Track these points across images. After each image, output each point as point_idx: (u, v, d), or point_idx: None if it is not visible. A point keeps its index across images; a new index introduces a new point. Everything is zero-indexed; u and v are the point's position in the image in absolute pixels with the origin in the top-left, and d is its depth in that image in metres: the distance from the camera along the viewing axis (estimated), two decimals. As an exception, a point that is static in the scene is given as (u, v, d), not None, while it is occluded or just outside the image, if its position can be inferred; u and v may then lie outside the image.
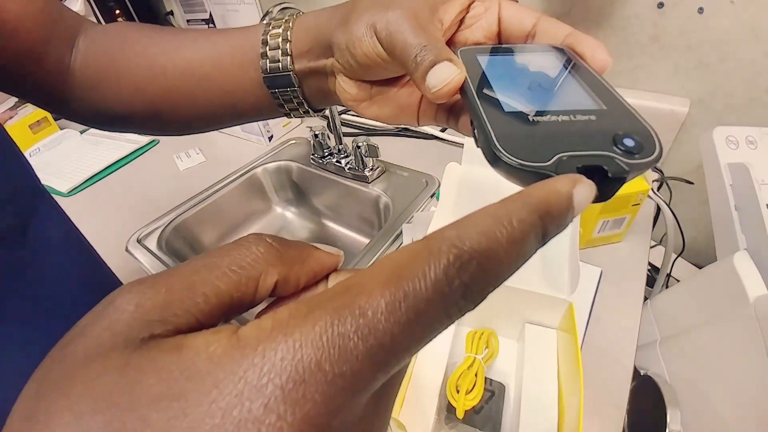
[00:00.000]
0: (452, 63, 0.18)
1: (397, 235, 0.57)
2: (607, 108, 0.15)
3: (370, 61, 0.22)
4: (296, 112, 0.28)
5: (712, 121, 0.61)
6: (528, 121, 0.15)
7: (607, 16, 0.62)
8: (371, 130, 0.84)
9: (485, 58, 0.20)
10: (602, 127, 0.14)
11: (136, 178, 0.83)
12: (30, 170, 0.24)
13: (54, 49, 0.29)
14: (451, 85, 0.18)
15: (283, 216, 0.82)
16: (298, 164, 0.78)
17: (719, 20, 0.54)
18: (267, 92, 0.27)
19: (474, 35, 0.23)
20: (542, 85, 0.17)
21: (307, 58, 0.25)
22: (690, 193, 0.66)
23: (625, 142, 0.14)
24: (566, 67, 0.19)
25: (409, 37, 0.20)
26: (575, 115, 0.15)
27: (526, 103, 0.16)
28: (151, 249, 0.62)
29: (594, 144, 0.14)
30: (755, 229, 0.36)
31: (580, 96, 0.16)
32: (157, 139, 0.94)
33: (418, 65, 0.19)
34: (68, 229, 0.26)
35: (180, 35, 0.29)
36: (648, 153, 0.13)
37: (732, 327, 0.34)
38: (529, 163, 0.13)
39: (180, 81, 0.28)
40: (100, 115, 0.31)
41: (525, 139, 0.14)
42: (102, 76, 0.29)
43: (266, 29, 0.26)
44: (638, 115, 0.15)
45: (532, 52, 0.20)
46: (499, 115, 0.15)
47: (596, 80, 0.17)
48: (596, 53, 0.19)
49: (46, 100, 0.31)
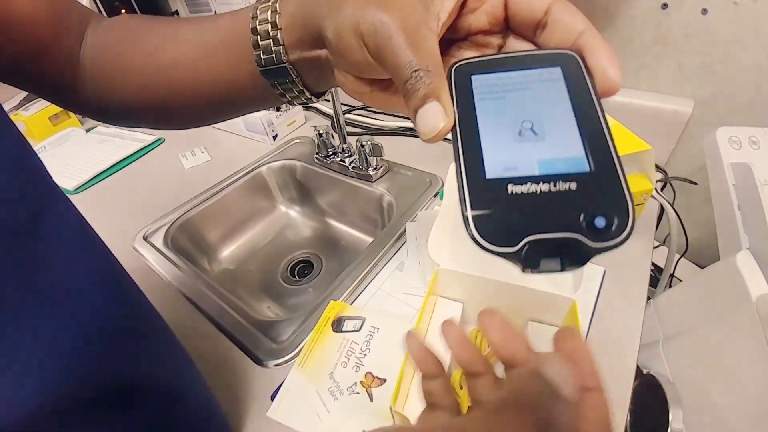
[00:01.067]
0: (441, 105, 0.17)
1: (400, 234, 0.57)
2: (594, 168, 0.15)
3: (364, 67, 0.21)
4: (298, 99, 0.27)
5: (715, 121, 0.61)
6: (505, 193, 0.15)
7: (611, 17, 0.62)
8: (375, 129, 0.85)
9: (480, 81, 0.18)
10: (578, 202, 0.14)
11: (141, 176, 0.84)
12: (41, 166, 0.24)
13: (63, 42, 0.28)
14: (439, 135, 0.17)
15: (287, 214, 0.83)
16: (303, 163, 0.78)
17: (723, 21, 0.54)
18: (265, 83, 0.26)
19: (478, 21, 0.21)
20: (534, 128, 0.16)
21: (300, 49, 0.24)
22: (694, 194, 0.66)
23: (596, 222, 0.14)
24: (568, 94, 0.17)
25: (398, 53, 0.18)
26: (555, 183, 0.15)
27: (509, 163, 0.16)
28: (158, 246, 0.63)
29: (564, 224, 0.14)
30: (758, 228, 0.36)
31: (570, 148, 0.16)
32: (162, 138, 0.94)
33: (409, 94, 0.18)
34: (81, 225, 0.26)
35: (177, 28, 0.29)
36: (616, 234, 0.14)
37: (734, 326, 0.35)
38: (497, 249, 0.14)
39: (177, 76, 0.28)
40: (109, 110, 0.31)
41: (498, 220, 0.15)
42: (108, 72, 0.29)
43: (254, 14, 0.24)
44: (622, 180, 0.15)
45: (534, 68, 0.18)
46: (479, 182, 0.16)
47: (595, 120, 0.16)
48: (607, 72, 0.17)
49: (56, 94, 0.31)
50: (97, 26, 0.30)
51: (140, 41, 0.29)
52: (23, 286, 0.20)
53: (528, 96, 0.17)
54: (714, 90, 0.59)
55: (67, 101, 0.32)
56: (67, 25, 0.29)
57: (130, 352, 0.27)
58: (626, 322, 0.44)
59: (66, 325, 0.22)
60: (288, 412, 0.39)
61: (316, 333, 0.45)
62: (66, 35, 0.29)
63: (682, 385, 0.44)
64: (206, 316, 0.51)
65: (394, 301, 0.50)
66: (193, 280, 0.56)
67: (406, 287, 0.51)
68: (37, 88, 0.30)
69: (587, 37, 0.18)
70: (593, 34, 0.18)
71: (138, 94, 0.29)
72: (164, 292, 0.56)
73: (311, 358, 0.43)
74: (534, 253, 0.14)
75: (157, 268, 0.59)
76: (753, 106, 0.57)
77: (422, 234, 0.51)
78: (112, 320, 0.25)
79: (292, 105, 0.28)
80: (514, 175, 0.15)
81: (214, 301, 0.52)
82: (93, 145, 0.95)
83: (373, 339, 0.44)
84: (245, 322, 0.49)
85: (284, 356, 0.45)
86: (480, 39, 0.22)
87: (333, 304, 0.48)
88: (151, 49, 0.29)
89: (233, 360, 0.46)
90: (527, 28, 0.20)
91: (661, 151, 0.66)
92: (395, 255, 0.56)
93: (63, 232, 0.24)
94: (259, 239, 0.78)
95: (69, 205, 0.26)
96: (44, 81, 0.30)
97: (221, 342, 0.48)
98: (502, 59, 0.19)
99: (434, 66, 0.18)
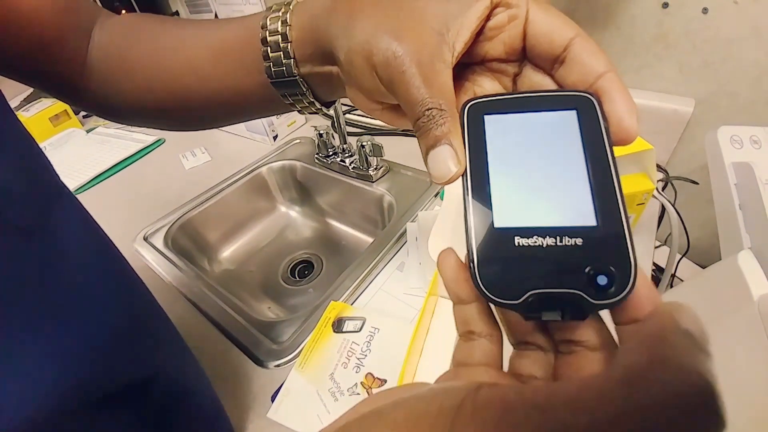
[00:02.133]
0: (453, 148, 0.17)
1: (400, 234, 0.57)
2: (601, 224, 0.15)
3: (375, 94, 0.20)
4: (308, 109, 0.27)
5: (716, 121, 0.60)
6: (512, 244, 0.15)
7: (612, 16, 0.62)
8: (376, 129, 0.85)
9: (492, 123, 0.18)
10: (583, 258, 0.15)
11: (142, 176, 0.84)
12: (49, 165, 0.24)
13: (70, 40, 0.28)
14: (450, 180, 0.17)
15: (287, 215, 0.83)
16: (303, 163, 0.78)
17: (724, 20, 0.54)
18: (274, 92, 0.26)
19: (494, 49, 0.20)
20: (544, 177, 0.16)
21: (311, 63, 0.24)
22: (695, 194, 0.66)
23: (598, 280, 0.14)
24: (581, 141, 0.16)
25: (411, 90, 0.17)
26: (561, 238, 0.15)
27: (518, 212, 0.16)
28: (158, 247, 0.63)
29: (566, 281, 0.14)
30: (760, 228, 0.36)
31: (579, 201, 0.16)
32: (162, 138, 0.94)
33: (421, 132, 0.18)
34: (88, 223, 0.26)
35: (184, 30, 0.29)
36: (617, 292, 0.14)
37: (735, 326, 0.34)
38: (500, 300, 0.15)
39: (184, 80, 0.28)
40: (115, 109, 0.31)
41: (503, 273, 0.15)
42: (114, 71, 0.29)
43: (264, 23, 0.24)
44: (627, 238, 0.15)
45: (549, 110, 0.17)
46: (487, 230, 0.16)
47: (606, 172, 0.16)
48: (624, 122, 0.16)
49: (62, 91, 0.31)
50: (104, 24, 0.30)
51: (145, 42, 0.29)
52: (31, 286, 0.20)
53: (541, 141, 0.17)
54: (715, 89, 0.59)
55: (73, 98, 0.32)
56: (74, 23, 0.29)
57: (139, 349, 0.27)
58: (627, 322, 0.43)
59: (75, 322, 0.22)
60: (288, 413, 0.39)
61: (316, 334, 0.45)
62: (72, 33, 0.29)
63: (684, 385, 0.44)
64: (206, 316, 0.51)
65: (395, 302, 0.50)
66: (193, 280, 0.56)
67: (406, 287, 0.51)
68: (43, 84, 0.30)
69: (606, 80, 0.17)
70: (612, 77, 0.17)
71: (144, 94, 0.29)
72: (164, 292, 0.55)
73: (311, 358, 0.43)
74: (536, 306, 0.15)
75: (157, 269, 0.59)
76: (754, 105, 0.57)
77: (423, 234, 0.51)
78: (120, 318, 0.25)
79: (300, 113, 0.28)
80: (522, 225, 0.15)
81: (214, 301, 0.52)
82: (93, 146, 0.95)
83: (374, 340, 0.44)
84: (245, 322, 0.49)
85: (284, 357, 0.45)
86: (495, 66, 0.21)
87: (333, 304, 0.48)
88: (159, 50, 0.28)
89: (233, 361, 0.46)
90: (545, 62, 0.19)
91: (662, 151, 0.66)
92: (396, 255, 0.56)
93: (71, 230, 0.24)
94: (259, 240, 0.78)
95: (77, 205, 0.26)
96: (50, 78, 0.30)
97: (221, 343, 0.48)
98: (516, 99, 0.18)
99: (447, 104, 0.17)
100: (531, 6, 0.18)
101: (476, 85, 0.21)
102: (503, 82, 0.21)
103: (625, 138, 0.16)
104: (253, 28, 0.25)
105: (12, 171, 0.20)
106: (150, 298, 0.31)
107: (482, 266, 0.15)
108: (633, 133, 0.16)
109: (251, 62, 0.25)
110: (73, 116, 1.07)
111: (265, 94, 0.26)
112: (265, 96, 0.27)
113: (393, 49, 0.18)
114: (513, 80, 0.21)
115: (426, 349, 0.41)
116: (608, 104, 0.17)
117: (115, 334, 0.24)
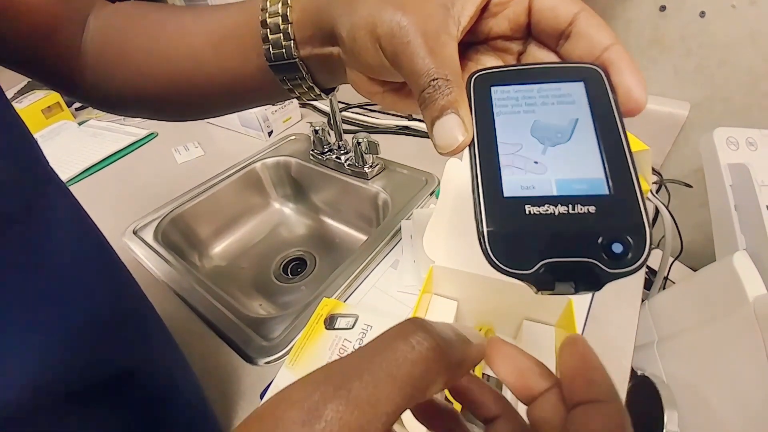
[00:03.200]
0: (459, 117, 0.16)
1: (395, 232, 0.57)
2: (613, 192, 0.15)
3: (378, 70, 0.20)
4: (307, 95, 0.27)
5: (711, 124, 0.61)
6: (523, 213, 0.15)
7: (609, 19, 0.62)
8: (372, 127, 0.84)
9: (500, 93, 0.17)
10: (596, 225, 0.14)
11: (133, 170, 0.83)
12: (39, 153, 0.23)
13: (66, 28, 0.28)
14: (456, 149, 0.17)
15: (280, 211, 0.82)
16: (298, 160, 0.78)
17: (720, 25, 0.54)
18: (273, 77, 0.25)
19: (499, 26, 0.20)
20: (554, 146, 0.16)
21: (312, 45, 0.23)
22: (688, 197, 0.66)
23: (613, 247, 0.14)
24: (590, 111, 0.16)
25: (416, 60, 0.17)
26: (574, 206, 0.15)
27: (528, 181, 0.15)
28: (147, 241, 0.62)
29: (580, 249, 0.14)
30: (755, 229, 0.36)
31: (590, 169, 0.15)
32: (155, 132, 0.93)
33: (426, 104, 0.17)
34: (77, 213, 0.26)
35: (182, 17, 0.28)
36: (633, 260, 0.14)
37: (731, 327, 0.34)
38: (511, 270, 0.14)
39: (182, 67, 0.28)
40: (111, 99, 0.31)
41: (514, 241, 0.15)
42: (110, 60, 0.29)
43: (264, 5, 0.24)
44: (641, 205, 0.14)
45: (557, 82, 0.17)
46: (496, 200, 0.15)
47: (616, 141, 0.16)
48: (633, 92, 0.16)
49: (57, 81, 0.30)
50: (99, 13, 0.30)
51: (143, 29, 0.29)
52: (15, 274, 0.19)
53: (549, 112, 0.17)
54: (710, 93, 0.60)
55: (69, 89, 0.31)
56: (69, 12, 0.28)
57: (124, 340, 0.27)
58: (621, 323, 0.43)
59: (58, 310, 0.21)
60: (278, 410, 0.39)
61: (307, 330, 0.44)
62: (68, 22, 0.28)
63: (678, 386, 0.44)
64: (196, 312, 0.50)
65: (388, 299, 0.49)
66: (183, 275, 0.55)
67: (400, 285, 0.51)
68: (38, 74, 0.29)
69: (613, 52, 0.17)
70: (619, 49, 0.17)
71: (141, 83, 0.29)
72: (153, 287, 0.54)
73: (302, 355, 0.42)
74: (549, 277, 0.14)
75: (146, 263, 0.58)
76: (749, 109, 0.57)
77: (417, 232, 0.51)
78: (106, 307, 0.25)
79: (299, 100, 0.28)
80: (532, 194, 0.15)
81: (204, 297, 0.51)
82: (85, 139, 0.93)
83: (366, 337, 0.43)
84: (236, 319, 0.48)
85: (275, 354, 0.44)
86: (500, 44, 0.21)
87: (326, 301, 0.47)
88: (155, 37, 0.28)
89: (223, 357, 0.45)
90: (550, 38, 0.19)
91: (657, 154, 0.66)
92: (390, 253, 0.55)
93: (60, 220, 0.23)
94: (251, 236, 0.77)
95: (66, 194, 0.26)
96: (45, 67, 0.29)
97: (211, 339, 0.47)
98: (523, 71, 0.18)
99: (453, 75, 0.17)
100: None
101: (480, 64, 0.21)
102: (507, 61, 0.21)
103: (634, 108, 0.16)
104: (253, 11, 0.24)
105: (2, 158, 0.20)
106: (137, 289, 0.30)
107: (492, 237, 0.15)
108: (642, 102, 0.16)
109: (251, 46, 0.25)
110: (66, 108, 1.05)
111: (264, 79, 0.26)
112: (264, 81, 0.26)
113: (398, 20, 0.17)
114: (517, 59, 0.21)
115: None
116: (616, 75, 0.17)
117: (99, 323, 0.24)
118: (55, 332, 0.21)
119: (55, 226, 0.22)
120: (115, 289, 0.27)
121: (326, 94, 0.27)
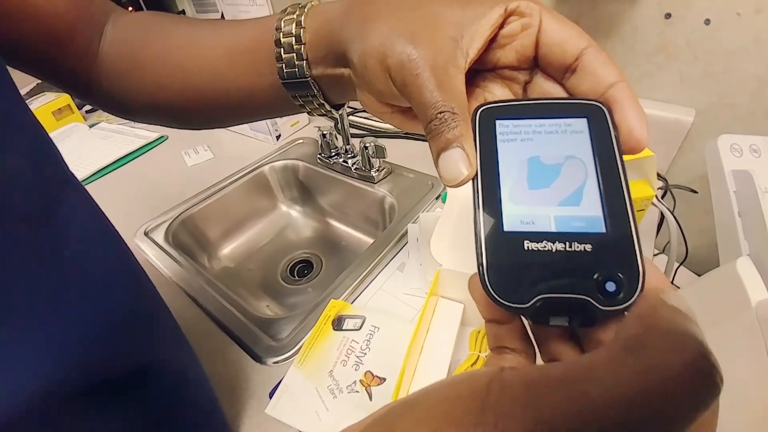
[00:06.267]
0: (464, 151, 0.17)
1: (401, 235, 0.58)
2: (610, 230, 0.15)
3: (387, 96, 0.20)
4: (318, 111, 0.28)
5: (716, 131, 0.61)
6: (521, 249, 0.15)
7: (615, 26, 0.62)
8: (379, 131, 0.85)
9: (504, 128, 0.18)
10: (592, 264, 0.15)
11: (144, 172, 0.84)
12: (57, 154, 0.24)
13: (83, 34, 0.29)
14: (461, 183, 0.17)
15: (288, 214, 0.83)
16: (305, 163, 0.79)
17: (725, 32, 0.55)
18: (285, 93, 0.26)
19: (506, 57, 0.20)
20: (554, 182, 0.16)
21: (324, 65, 0.24)
22: (694, 203, 0.66)
23: (607, 286, 0.14)
24: (591, 149, 0.17)
25: (424, 92, 0.18)
26: (570, 243, 0.15)
27: (527, 216, 0.16)
28: (158, 242, 0.63)
29: (575, 286, 0.15)
30: (758, 235, 0.37)
31: (588, 207, 0.16)
32: (165, 135, 0.95)
33: (433, 135, 0.18)
34: (95, 213, 0.26)
35: (198, 30, 0.29)
36: (625, 298, 0.14)
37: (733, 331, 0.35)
38: (509, 304, 0.15)
39: (197, 80, 0.28)
40: (125, 105, 0.32)
41: (512, 276, 0.15)
42: (126, 68, 0.30)
43: (278, 25, 0.24)
44: (636, 244, 0.15)
45: (560, 117, 0.18)
46: (496, 234, 0.16)
47: (615, 180, 0.16)
48: (634, 132, 0.16)
49: (72, 86, 0.31)
50: (117, 21, 0.30)
51: (160, 40, 0.29)
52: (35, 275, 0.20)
53: (551, 147, 0.17)
54: (715, 100, 0.60)
55: (83, 93, 0.32)
56: (86, 17, 0.29)
57: (138, 337, 0.27)
58: (626, 326, 0.43)
59: (74, 309, 0.22)
60: (286, 409, 0.39)
61: (316, 331, 0.45)
62: (84, 28, 0.29)
63: (681, 391, 0.44)
64: (205, 312, 0.51)
65: (395, 302, 0.50)
66: (193, 276, 0.56)
67: (406, 288, 0.51)
68: (54, 78, 0.30)
69: (618, 90, 0.17)
70: (623, 87, 0.17)
71: (154, 93, 0.30)
72: (164, 287, 0.55)
73: (311, 355, 0.43)
74: (544, 311, 0.15)
75: (157, 264, 0.59)
76: (754, 115, 0.58)
77: (424, 235, 0.51)
78: (123, 307, 0.25)
79: (309, 114, 0.28)
80: (532, 230, 0.16)
81: (213, 297, 0.52)
82: (96, 141, 0.95)
83: (374, 338, 0.44)
84: (245, 319, 0.49)
85: (283, 354, 0.45)
86: (506, 73, 0.21)
87: (333, 302, 0.48)
88: (173, 49, 0.29)
89: (232, 357, 0.46)
90: (556, 71, 0.19)
91: (662, 160, 0.67)
92: (396, 256, 0.56)
93: (77, 220, 0.24)
94: (259, 238, 0.78)
95: (84, 195, 0.26)
96: (61, 71, 0.30)
97: (220, 338, 0.48)
98: (528, 105, 0.18)
99: (460, 107, 0.18)
100: (544, 15, 0.19)
101: (487, 91, 0.21)
102: (514, 90, 0.21)
103: (635, 147, 0.17)
104: (268, 29, 0.25)
105: (20, 158, 0.21)
106: (153, 289, 0.31)
107: (491, 270, 0.15)
108: (643, 142, 0.17)
109: (264, 63, 0.26)
110: (76, 111, 1.07)
111: (277, 95, 0.27)
112: (276, 97, 0.27)
113: (408, 52, 0.18)
114: (523, 88, 0.21)
115: (426, 349, 0.41)
116: (619, 113, 0.17)
117: (115, 322, 0.24)
118: (73, 331, 0.21)
119: (73, 226, 0.23)
120: (132, 289, 0.27)
121: (336, 110, 0.28)
